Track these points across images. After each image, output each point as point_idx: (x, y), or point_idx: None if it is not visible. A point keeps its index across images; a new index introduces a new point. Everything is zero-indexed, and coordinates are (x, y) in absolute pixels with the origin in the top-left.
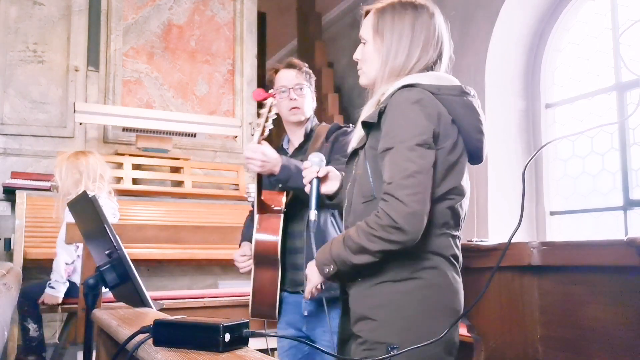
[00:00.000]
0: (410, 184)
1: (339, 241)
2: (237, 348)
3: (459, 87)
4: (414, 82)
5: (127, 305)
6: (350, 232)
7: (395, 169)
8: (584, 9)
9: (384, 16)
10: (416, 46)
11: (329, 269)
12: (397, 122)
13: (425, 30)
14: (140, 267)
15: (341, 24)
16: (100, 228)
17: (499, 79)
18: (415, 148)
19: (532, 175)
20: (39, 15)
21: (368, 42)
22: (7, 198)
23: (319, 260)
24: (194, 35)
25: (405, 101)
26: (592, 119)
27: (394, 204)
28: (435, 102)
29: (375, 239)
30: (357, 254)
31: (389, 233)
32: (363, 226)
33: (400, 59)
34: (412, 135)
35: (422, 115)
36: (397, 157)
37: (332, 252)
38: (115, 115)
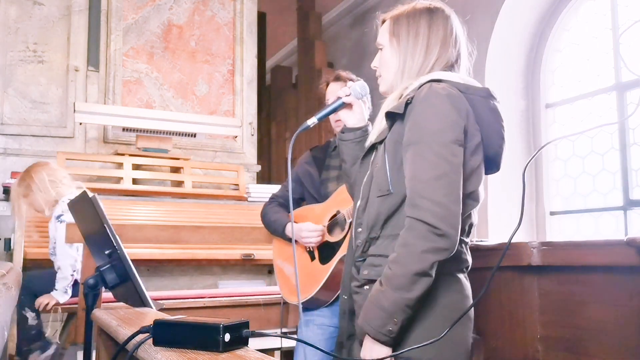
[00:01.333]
0: (444, 184)
1: (380, 292)
2: (237, 348)
3: (487, 89)
4: (442, 77)
5: (127, 305)
6: (387, 274)
7: (425, 166)
8: (584, 9)
9: (400, 21)
10: (434, 44)
11: (393, 327)
12: (426, 114)
13: (442, 30)
14: (140, 267)
15: (341, 24)
16: (100, 228)
17: (499, 79)
18: (448, 145)
19: (532, 175)
20: (39, 15)
21: (385, 47)
22: (7, 198)
23: (373, 327)
24: (194, 35)
25: (435, 94)
26: (592, 119)
27: (428, 207)
28: (464, 99)
29: (423, 255)
30: (414, 285)
31: (433, 242)
32: (398, 255)
33: (419, 58)
34: (443, 129)
35: (453, 109)
36: (426, 153)
37: (384, 307)
38: (115, 115)
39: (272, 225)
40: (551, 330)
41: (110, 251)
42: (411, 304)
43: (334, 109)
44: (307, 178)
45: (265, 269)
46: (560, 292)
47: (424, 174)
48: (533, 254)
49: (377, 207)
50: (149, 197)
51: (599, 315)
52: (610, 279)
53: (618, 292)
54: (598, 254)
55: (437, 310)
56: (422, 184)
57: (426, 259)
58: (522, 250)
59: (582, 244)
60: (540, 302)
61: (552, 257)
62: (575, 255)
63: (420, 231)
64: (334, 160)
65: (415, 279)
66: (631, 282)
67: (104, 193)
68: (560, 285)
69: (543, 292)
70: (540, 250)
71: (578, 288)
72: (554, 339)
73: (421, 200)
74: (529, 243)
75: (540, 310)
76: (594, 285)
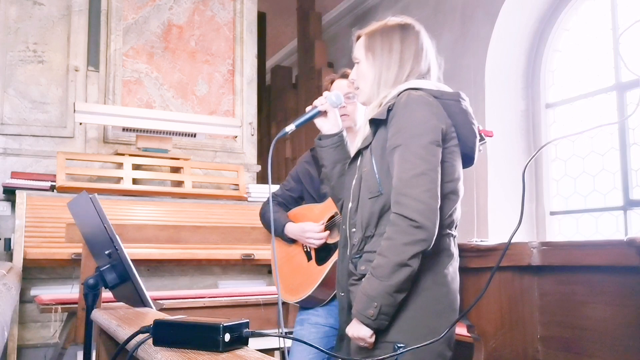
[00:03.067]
0: (422, 182)
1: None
2: (237, 348)
3: (457, 93)
4: (417, 86)
5: (127, 305)
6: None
7: (406, 166)
8: (584, 9)
9: (374, 36)
10: (407, 58)
11: (373, 310)
12: (407, 119)
13: (414, 45)
14: (140, 267)
15: (341, 24)
16: (100, 228)
17: (499, 79)
18: (427, 146)
19: (532, 175)
20: (39, 15)
21: (361, 61)
22: (7, 198)
23: (357, 310)
24: (194, 35)
25: (414, 101)
26: (592, 119)
27: (408, 203)
28: (439, 105)
29: (403, 247)
30: (394, 274)
31: (412, 235)
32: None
33: (394, 69)
34: (422, 132)
35: (431, 115)
36: (407, 155)
37: (368, 293)
38: (115, 115)
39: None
40: (551, 330)
41: (110, 251)
42: (390, 290)
43: (311, 117)
44: (307, 177)
45: (265, 269)
46: (560, 292)
47: (405, 173)
48: (533, 254)
49: (370, 208)
50: (149, 197)
51: (599, 315)
52: (610, 279)
53: (618, 292)
54: (598, 254)
55: (421, 302)
56: (403, 183)
57: (406, 250)
58: (522, 250)
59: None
60: (540, 302)
61: (552, 257)
62: (575, 255)
63: (401, 226)
64: None
65: (395, 269)
66: (631, 282)
67: (104, 193)
68: (560, 285)
69: (543, 292)
70: (540, 250)
71: (578, 288)
72: (554, 339)
73: (402, 197)
74: (529, 243)
75: (540, 310)
76: (594, 285)
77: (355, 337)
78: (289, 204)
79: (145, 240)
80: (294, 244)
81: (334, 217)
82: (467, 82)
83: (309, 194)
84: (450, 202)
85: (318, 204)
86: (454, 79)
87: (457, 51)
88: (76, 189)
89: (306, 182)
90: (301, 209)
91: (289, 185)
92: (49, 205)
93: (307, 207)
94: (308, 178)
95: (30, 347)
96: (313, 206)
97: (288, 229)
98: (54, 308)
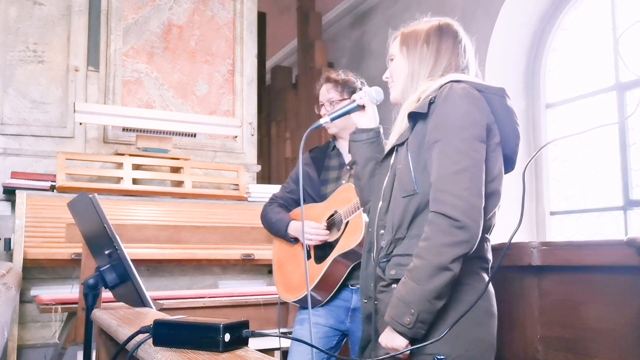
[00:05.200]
0: (464, 178)
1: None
2: (237, 348)
3: (502, 89)
4: (460, 79)
5: (127, 305)
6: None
7: (446, 162)
8: (584, 9)
9: (410, 34)
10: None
11: (409, 317)
12: (448, 113)
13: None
14: (140, 267)
15: (341, 24)
16: (100, 228)
17: (499, 79)
18: (469, 140)
19: (532, 175)
20: (39, 15)
21: (396, 56)
22: (7, 198)
23: (392, 316)
24: (194, 35)
25: (457, 93)
26: (592, 119)
27: (448, 200)
28: (482, 98)
29: (442, 248)
30: (433, 278)
31: (452, 235)
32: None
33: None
34: (465, 126)
35: (474, 108)
36: (448, 149)
37: (404, 298)
38: (115, 115)
39: (274, 225)
40: (551, 330)
41: (110, 251)
42: (429, 296)
43: (348, 111)
44: (306, 179)
45: (265, 269)
46: (560, 292)
47: (445, 169)
48: (533, 254)
49: (403, 208)
50: (149, 197)
51: (599, 315)
52: (610, 279)
53: (618, 292)
54: (598, 254)
55: (460, 308)
56: (443, 179)
57: (446, 252)
58: (522, 250)
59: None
60: (540, 302)
61: (552, 257)
62: (575, 255)
63: (441, 225)
64: (333, 161)
65: (434, 272)
66: (631, 282)
67: (104, 193)
68: (560, 285)
69: (543, 292)
70: (540, 250)
71: (578, 288)
72: (554, 339)
73: (442, 194)
74: (529, 243)
75: (540, 310)
76: (594, 285)
77: (389, 347)
78: (289, 205)
79: (145, 240)
80: (297, 243)
81: (334, 215)
82: None
83: (309, 195)
84: (492, 203)
85: (319, 204)
86: None
87: None
88: (76, 189)
89: (305, 184)
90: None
91: (289, 187)
92: (49, 205)
93: (307, 206)
94: (307, 179)
95: (30, 347)
96: (314, 205)
97: (291, 227)
98: (54, 308)
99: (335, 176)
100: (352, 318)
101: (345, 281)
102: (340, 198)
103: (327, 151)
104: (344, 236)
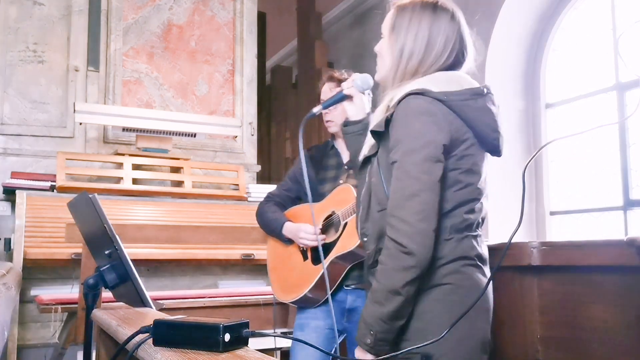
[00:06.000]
0: (413, 203)
1: (366, 304)
2: (237, 348)
3: (469, 90)
4: (421, 89)
5: (127, 305)
6: (372, 288)
7: (398, 186)
8: (583, 9)
9: (403, 14)
10: (432, 49)
11: (370, 338)
12: (402, 134)
13: (443, 33)
14: (140, 267)
15: (341, 24)
16: (100, 228)
17: (499, 79)
18: (420, 163)
19: (532, 175)
20: (39, 15)
21: (385, 37)
22: (7, 198)
23: (357, 337)
24: (194, 35)
25: (412, 111)
26: (592, 119)
27: (398, 226)
28: (444, 110)
29: (393, 273)
30: (388, 301)
31: (401, 260)
32: (377, 270)
33: (415, 61)
34: (416, 148)
35: (430, 126)
36: (401, 173)
37: (365, 319)
38: (115, 115)
39: (270, 224)
40: (551, 330)
41: (110, 251)
42: (385, 317)
43: (337, 100)
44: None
45: (265, 269)
46: (560, 292)
47: (396, 193)
48: (533, 254)
49: (379, 221)
50: (149, 197)
51: (599, 315)
52: (610, 279)
53: (618, 292)
54: (598, 254)
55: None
56: (395, 203)
57: (396, 276)
58: (522, 250)
59: (582, 244)
60: (540, 302)
61: (552, 257)
62: (575, 255)
63: (392, 249)
64: (332, 160)
65: (387, 296)
66: (631, 282)
67: (104, 193)
68: (560, 285)
69: (543, 292)
70: (540, 250)
71: (578, 288)
72: (554, 339)
73: (393, 219)
74: (529, 243)
75: (540, 310)
76: (594, 285)
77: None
78: (286, 204)
79: (145, 240)
80: (292, 243)
81: (332, 216)
82: None
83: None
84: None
85: (315, 203)
86: None
87: None
88: (76, 189)
89: (302, 183)
90: (298, 208)
91: (287, 186)
92: (49, 205)
93: (304, 206)
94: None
95: (30, 347)
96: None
97: (286, 228)
98: (54, 308)
99: (333, 175)
100: (348, 318)
101: (341, 282)
102: (338, 199)
103: (325, 150)
104: (342, 238)
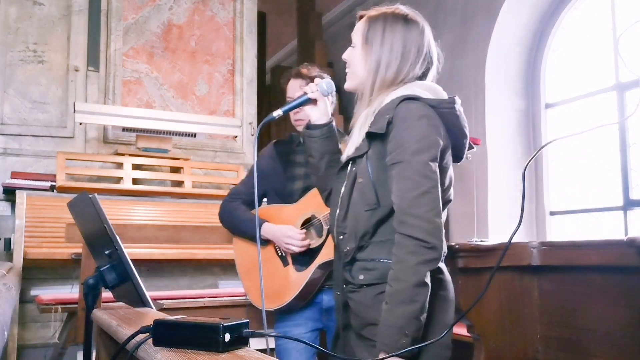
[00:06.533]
0: (426, 201)
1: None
2: (237, 348)
3: (452, 99)
4: (414, 95)
5: (127, 305)
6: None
7: (408, 185)
8: (583, 9)
9: (375, 25)
10: (407, 60)
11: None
12: (407, 136)
13: (415, 45)
14: (140, 267)
15: (341, 24)
16: (100, 228)
17: (499, 79)
18: (427, 163)
19: (532, 175)
20: (39, 15)
21: (357, 47)
22: (7, 198)
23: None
24: (194, 35)
25: (413, 115)
26: (592, 119)
27: (415, 223)
28: (436, 116)
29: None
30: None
31: (423, 254)
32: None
33: (392, 71)
34: (423, 149)
35: (430, 128)
36: (409, 173)
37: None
38: (115, 115)
39: (242, 225)
40: (551, 330)
41: (110, 251)
42: (417, 315)
43: (300, 104)
44: (272, 173)
45: None
46: (560, 292)
47: (408, 192)
48: (533, 254)
49: (366, 220)
50: (149, 197)
51: (599, 315)
52: (610, 279)
53: (618, 292)
54: (598, 254)
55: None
56: (407, 202)
57: (420, 270)
58: (522, 250)
59: (582, 244)
60: (540, 302)
61: (552, 257)
62: (575, 255)
63: (410, 246)
64: (300, 157)
65: (415, 291)
66: (631, 282)
67: (104, 193)
68: (560, 285)
69: (543, 292)
70: (540, 250)
71: (578, 288)
72: (554, 339)
73: (407, 217)
74: (529, 243)
75: (540, 310)
76: (594, 285)
77: None
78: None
79: (145, 240)
80: (267, 245)
81: (311, 219)
82: (467, 82)
83: (274, 190)
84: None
85: (288, 205)
86: (454, 79)
87: (457, 51)
88: (76, 189)
89: (271, 178)
90: (268, 209)
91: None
92: (49, 205)
93: (275, 207)
94: (273, 174)
95: (30, 347)
96: (282, 207)
97: (265, 229)
98: (54, 308)
99: (302, 173)
100: (327, 317)
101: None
102: (317, 201)
103: (291, 146)
104: (327, 244)
